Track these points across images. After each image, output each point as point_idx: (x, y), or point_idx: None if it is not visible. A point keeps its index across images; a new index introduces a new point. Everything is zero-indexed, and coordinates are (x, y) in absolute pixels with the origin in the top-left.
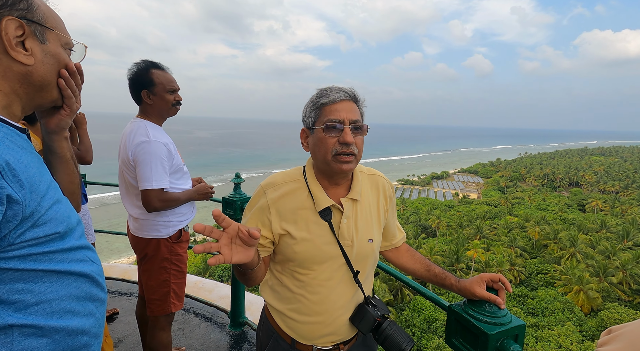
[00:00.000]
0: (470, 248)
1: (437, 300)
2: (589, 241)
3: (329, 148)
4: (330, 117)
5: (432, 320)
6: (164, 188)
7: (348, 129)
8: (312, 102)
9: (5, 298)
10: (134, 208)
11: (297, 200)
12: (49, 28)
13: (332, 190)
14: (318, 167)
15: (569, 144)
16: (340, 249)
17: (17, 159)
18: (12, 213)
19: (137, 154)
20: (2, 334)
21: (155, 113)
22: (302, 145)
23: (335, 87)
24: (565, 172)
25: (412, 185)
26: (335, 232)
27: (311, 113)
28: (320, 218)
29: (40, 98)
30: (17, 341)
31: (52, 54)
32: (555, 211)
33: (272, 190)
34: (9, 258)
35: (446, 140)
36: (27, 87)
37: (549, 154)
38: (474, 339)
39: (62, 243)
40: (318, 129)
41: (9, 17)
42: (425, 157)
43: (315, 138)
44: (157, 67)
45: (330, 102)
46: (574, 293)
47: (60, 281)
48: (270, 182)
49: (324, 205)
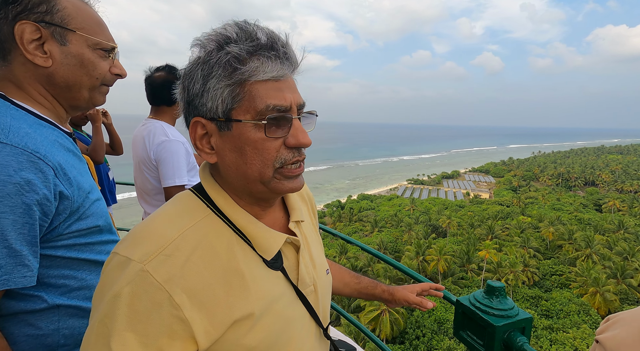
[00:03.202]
0: (481, 248)
1: (445, 294)
2: (606, 242)
3: (270, 157)
4: (269, 101)
5: (443, 321)
6: (184, 185)
7: (299, 122)
8: (223, 68)
9: (54, 282)
10: (152, 207)
11: (218, 255)
12: (71, 29)
13: (268, 217)
14: (240, 187)
15: (585, 143)
16: (303, 302)
17: (66, 160)
18: (63, 208)
19: (158, 153)
20: (50, 313)
21: (174, 115)
22: (200, 151)
23: (252, 26)
24: (580, 171)
25: (422, 184)
26: (292, 281)
27: (223, 91)
28: (269, 269)
29: (72, 99)
30: (63, 320)
31: (74, 55)
32: (570, 211)
33: (159, 259)
34: (58, 247)
35: (456, 140)
36: (54, 88)
37: (563, 153)
38: (482, 331)
39: (100, 236)
40: (248, 125)
41: (23, 22)
42: (435, 156)
43: (240, 140)
44: None
45: (267, 73)
46: (590, 295)
47: (97, 270)
48: (150, 243)
49: (275, 247)
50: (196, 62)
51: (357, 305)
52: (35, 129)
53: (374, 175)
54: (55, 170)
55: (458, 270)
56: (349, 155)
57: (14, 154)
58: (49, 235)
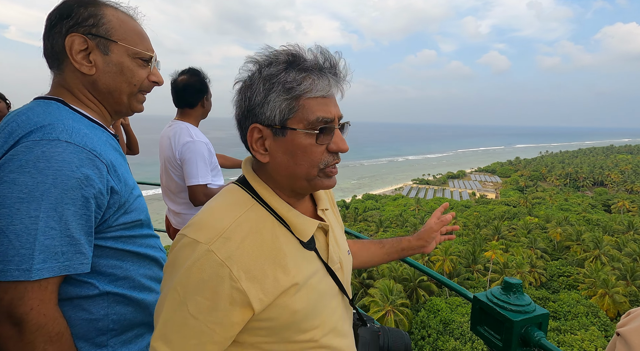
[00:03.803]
0: (487, 249)
1: (461, 291)
2: (615, 243)
3: (316, 160)
4: (319, 114)
5: (449, 321)
6: (207, 184)
7: (339, 131)
8: (283, 85)
9: (103, 270)
10: (176, 205)
11: (265, 238)
12: (113, 40)
13: (301, 206)
14: (285, 183)
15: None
16: (333, 278)
17: (115, 159)
18: (113, 202)
19: (183, 153)
20: (101, 299)
21: (199, 116)
22: (254, 152)
23: (316, 53)
24: (589, 171)
25: (427, 184)
26: (324, 260)
27: (280, 104)
28: (305, 249)
29: (114, 104)
30: (111, 307)
31: (115, 63)
32: (579, 211)
33: (220, 241)
34: (107, 238)
35: (462, 139)
36: (98, 94)
37: (571, 153)
38: (499, 326)
39: (141, 230)
40: (300, 133)
41: (73, 34)
42: (441, 156)
43: (293, 144)
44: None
45: (319, 92)
46: (599, 297)
47: (140, 261)
48: (211, 228)
49: (310, 231)
50: (258, 77)
51: (362, 304)
52: (91, 130)
53: (379, 175)
54: (108, 167)
55: (464, 271)
56: (354, 155)
57: (76, 152)
58: (100, 227)
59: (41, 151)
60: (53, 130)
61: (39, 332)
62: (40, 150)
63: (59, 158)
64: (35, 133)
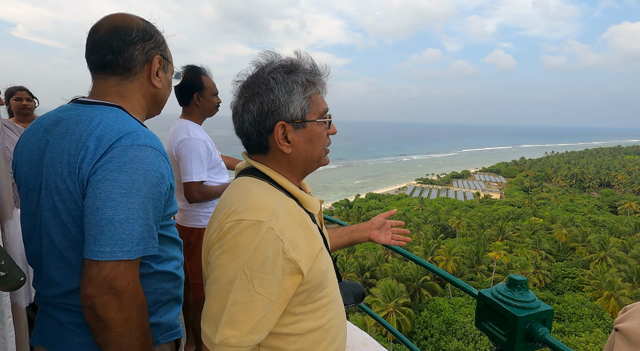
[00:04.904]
0: (491, 249)
1: (465, 287)
2: (621, 244)
3: (324, 143)
4: (324, 106)
5: (451, 321)
6: (203, 181)
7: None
8: (302, 86)
9: (155, 253)
10: (178, 201)
11: (294, 213)
12: (170, 62)
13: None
14: (300, 168)
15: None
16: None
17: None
18: (169, 195)
19: (179, 150)
20: (153, 277)
21: (199, 114)
22: (281, 146)
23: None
24: (595, 172)
25: (431, 184)
26: (321, 231)
27: (301, 102)
28: (314, 223)
29: (155, 112)
30: (159, 283)
31: (168, 80)
32: (584, 212)
33: (274, 219)
34: (160, 226)
35: (467, 139)
36: (153, 103)
37: (577, 153)
38: (504, 322)
39: (172, 220)
40: (313, 123)
41: (158, 55)
42: (446, 156)
43: (310, 134)
44: (204, 72)
45: (322, 91)
46: (604, 299)
47: (173, 246)
48: (266, 208)
49: (318, 206)
50: (276, 82)
51: (365, 303)
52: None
53: (383, 175)
54: (170, 167)
55: (467, 271)
56: (358, 154)
57: (155, 155)
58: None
59: (134, 154)
60: (139, 137)
61: (135, 301)
62: (133, 153)
63: (147, 161)
64: (125, 138)
